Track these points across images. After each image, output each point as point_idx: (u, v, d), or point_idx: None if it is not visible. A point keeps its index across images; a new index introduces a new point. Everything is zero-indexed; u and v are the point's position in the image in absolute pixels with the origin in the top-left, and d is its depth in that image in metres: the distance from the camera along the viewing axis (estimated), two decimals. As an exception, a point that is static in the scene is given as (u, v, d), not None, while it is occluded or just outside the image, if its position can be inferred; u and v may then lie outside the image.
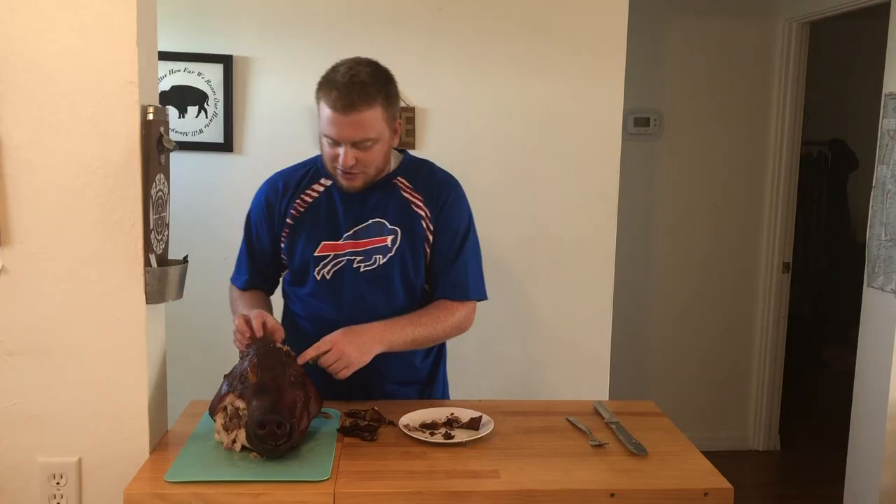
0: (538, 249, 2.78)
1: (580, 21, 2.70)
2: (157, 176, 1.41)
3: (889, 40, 2.72)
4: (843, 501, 2.90)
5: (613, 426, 1.53)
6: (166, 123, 1.42)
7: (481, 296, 1.78)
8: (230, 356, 1.61)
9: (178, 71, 2.62)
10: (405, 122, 2.67)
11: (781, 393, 3.88)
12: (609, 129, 2.74)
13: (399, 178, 1.72)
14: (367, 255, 1.69)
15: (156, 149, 1.38)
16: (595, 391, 2.78)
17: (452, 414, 1.56)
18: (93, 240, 1.38)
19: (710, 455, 1.45)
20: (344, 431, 1.48)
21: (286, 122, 2.68)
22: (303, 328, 1.75)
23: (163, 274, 1.42)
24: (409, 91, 2.67)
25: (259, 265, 1.82)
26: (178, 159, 2.11)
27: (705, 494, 1.29)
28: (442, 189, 1.73)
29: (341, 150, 1.58)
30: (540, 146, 2.74)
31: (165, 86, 2.61)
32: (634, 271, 3.68)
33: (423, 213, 1.71)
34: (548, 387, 2.79)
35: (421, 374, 1.82)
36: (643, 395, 3.66)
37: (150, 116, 1.37)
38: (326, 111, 1.57)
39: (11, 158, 1.34)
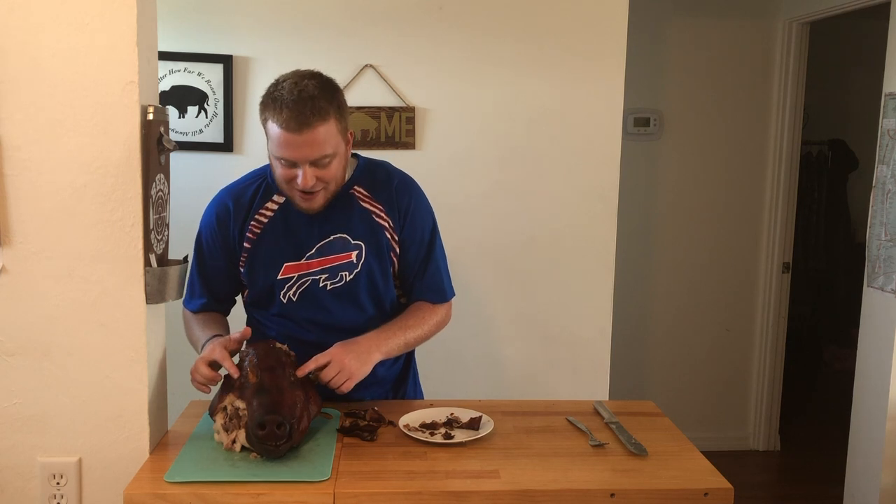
0: (538, 249, 2.78)
1: (580, 21, 2.70)
2: (157, 176, 1.41)
3: (889, 40, 2.72)
4: (843, 501, 2.89)
5: (613, 426, 1.53)
6: (166, 123, 1.42)
7: (452, 294, 1.78)
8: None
9: (178, 71, 2.62)
10: (405, 121, 2.67)
11: (781, 393, 3.88)
12: (609, 129, 2.74)
13: (356, 187, 1.66)
14: (333, 272, 1.64)
15: (156, 149, 1.38)
16: (595, 391, 2.78)
17: (452, 414, 1.56)
18: (93, 240, 1.38)
19: (710, 455, 1.45)
20: (344, 431, 1.48)
21: (286, 122, 2.68)
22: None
23: (163, 274, 1.42)
24: (409, 91, 2.68)
25: (213, 287, 1.72)
26: (178, 159, 2.11)
27: (705, 494, 1.29)
28: (402, 195, 1.68)
29: (299, 172, 1.50)
30: (540, 146, 2.73)
31: (165, 86, 2.61)
32: (634, 271, 3.68)
33: (385, 224, 1.66)
34: (548, 387, 2.79)
35: (391, 372, 1.79)
36: (643, 395, 3.66)
37: (150, 116, 1.37)
38: (276, 131, 1.47)
39: (11, 158, 1.34)
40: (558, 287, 2.79)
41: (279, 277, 1.64)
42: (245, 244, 1.65)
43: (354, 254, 1.64)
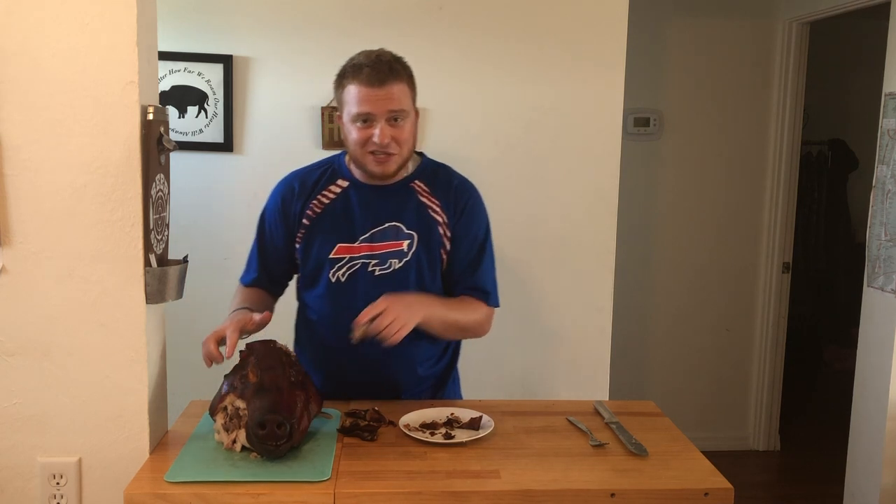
0: (538, 249, 2.78)
1: (580, 21, 2.70)
2: (157, 176, 1.41)
3: (889, 40, 2.72)
4: (843, 501, 2.90)
5: (613, 426, 1.53)
6: (166, 123, 1.42)
7: (498, 303, 1.78)
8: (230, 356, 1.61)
9: (178, 71, 2.62)
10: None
11: (781, 393, 3.88)
12: (609, 129, 2.74)
13: (417, 181, 1.72)
14: (383, 258, 1.67)
15: (156, 149, 1.38)
16: (595, 391, 2.78)
17: (452, 414, 1.56)
18: (93, 240, 1.38)
19: (710, 455, 1.45)
20: (344, 431, 1.48)
21: (286, 122, 2.68)
22: (319, 335, 1.76)
23: (163, 274, 1.42)
24: (409, 91, 2.68)
25: (269, 265, 1.80)
26: (178, 159, 2.11)
27: (705, 494, 1.29)
28: (460, 195, 1.72)
29: (376, 130, 1.58)
30: (540, 146, 2.73)
31: (165, 86, 2.61)
32: (634, 271, 3.68)
33: (440, 219, 1.70)
34: (548, 387, 2.79)
35: (434, 372, 1.80)
36: (643, 395, 3.66)
37: (150, 116, 1.37)
38: (355, 90, 1.57)
39: (11, 158, 1.34)
40: (558, 287, 2.79)
41: (331, 256, 1.69)
42: (304, 221, 1.71)
43: (406, 243, 1.68)
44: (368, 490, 1.26)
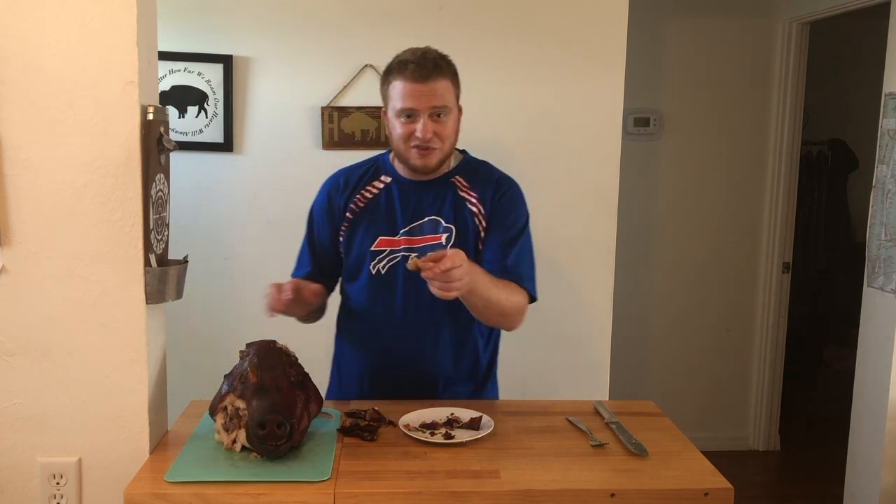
0: (538, 249, 2.73)
1: (580, 21, 2.70)
2: (157, 176, 1.41)
3: (889, 40, 2.72)
4: (843, 501, 2.90)
5: (613, 426, 1.53)
6: (166, 123, 1.42)
7: (534, 292, 1.74)
8: (230, 356, 1.61)
9: (178, 71, 2.62)
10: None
11: (781, 393, 3.88)
12: (609, 129, 2.74)
13: (457, 177, 1.76)
14: (422, 251, 1.70)
15: (156, 149, 1.38)
16: (595, 391, 2.78)
17: (452, 414, 1.56)
18: (93, 240, 1.38)
19: (710, 455, 1.45)
20: (344, 431, 1.48)
21: (286, 122, 2.68)
22: (360, 327, 1.78)
23: (163, 274, 1.42)
24: (409, 91, 2.67)
25: (319, 260, 1.84)
26: (178, 159, 2.11)
27: (705, 494, 1.29)
28: (499, 186, 1.76)
29: (419, 124, 1.62)
30: (540, 146, 2.73)
31: (165, 86, 2.61)
32: (634, 271, 3.68)
33: (476, 210, 1.73)
34: (548, 387, 2.79)
35: (478, 369, 1.81)
36: (643, 395, 3.66)
37: (150, 116, 1.37)
38: (400, 86, 1.62)
39: (11, 158, 1.34)
40: (558, 287, 2.78)
41: (372, 249, 1.73)
42: (348, 214, 1.77)
43: (444, 236, 1.71)
44: (368, 490, 1.26)
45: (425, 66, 1.61)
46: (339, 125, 2.66)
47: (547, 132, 2.73)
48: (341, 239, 1.78)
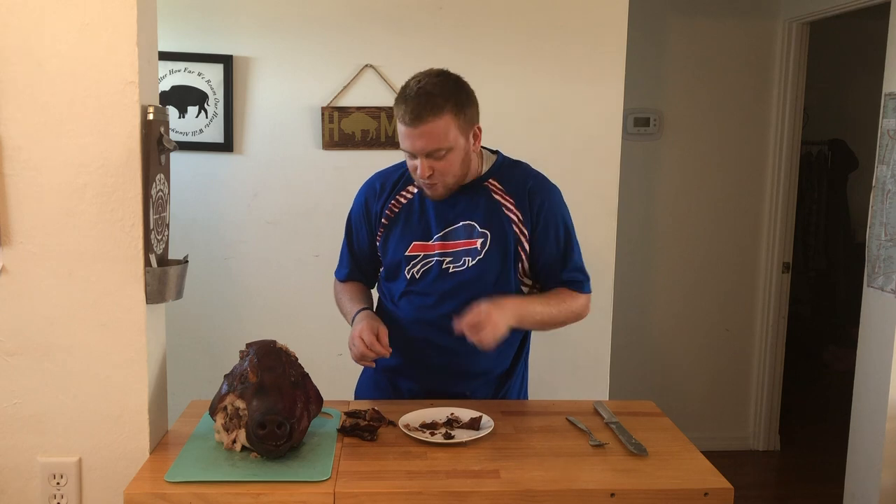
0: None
1: (580, 21, 2.70)
2: (157, 176, 1.41)
3: (889, 40, 2.72)
4: (842, 501, 2.89)
5: (613, 426, 1.53)
6: (166, 123, 1.42)
7: (590, 289, 1.81)
8: (230, 356, 1.61)
9: (178, 71, 2.62)
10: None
11: (781, 393, 3.88)
12: (609, 129, 2.74)
13: (491, 180, 1.75)
14: (456, 256, 1.71)
15: (156, 149, 1.38)
16: (595, 391, 2.78)
17: (452, 414, 1.56)
18: (93, 240, 1.38)
19: (710, 455, 1.45)
20: (344, 431, 1.48)
21: (286, 122, 2.68)
22: (399, 323, 1.78)
23: (163, 274, 1.42)
24: (409, 91, 2.67)
25: (359, 261, 1.88)
26: (178, 159, 2.11)
27: (705, 494, 1.29)
28: (535, 191, 1.74)
29: (418, 163, 1.63)
30: (540, 146, 2.73)
31: (165, 86, 2.61)
32: (634, 271, 3.68)
33: (514, 217, 1.72)
34: (548, 387, 2.79)
35: (497, 365, 1.82)
36: (643, 395, 3.66)
37: (150, 116, 1.38)
38: (400, 126, 1.62)
39: (11, 158, 1.34)
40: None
41: (407, 253, 1.74)
42: (383, 220, 1.78)
43: (479, 241, 1.71)
44: (368, 490, 1.26)
45: (418, 108, 1.58)
46: (339, 125, 2.66)
47: (547, 132, 2.73)
48: (378, 243, 1.80)
